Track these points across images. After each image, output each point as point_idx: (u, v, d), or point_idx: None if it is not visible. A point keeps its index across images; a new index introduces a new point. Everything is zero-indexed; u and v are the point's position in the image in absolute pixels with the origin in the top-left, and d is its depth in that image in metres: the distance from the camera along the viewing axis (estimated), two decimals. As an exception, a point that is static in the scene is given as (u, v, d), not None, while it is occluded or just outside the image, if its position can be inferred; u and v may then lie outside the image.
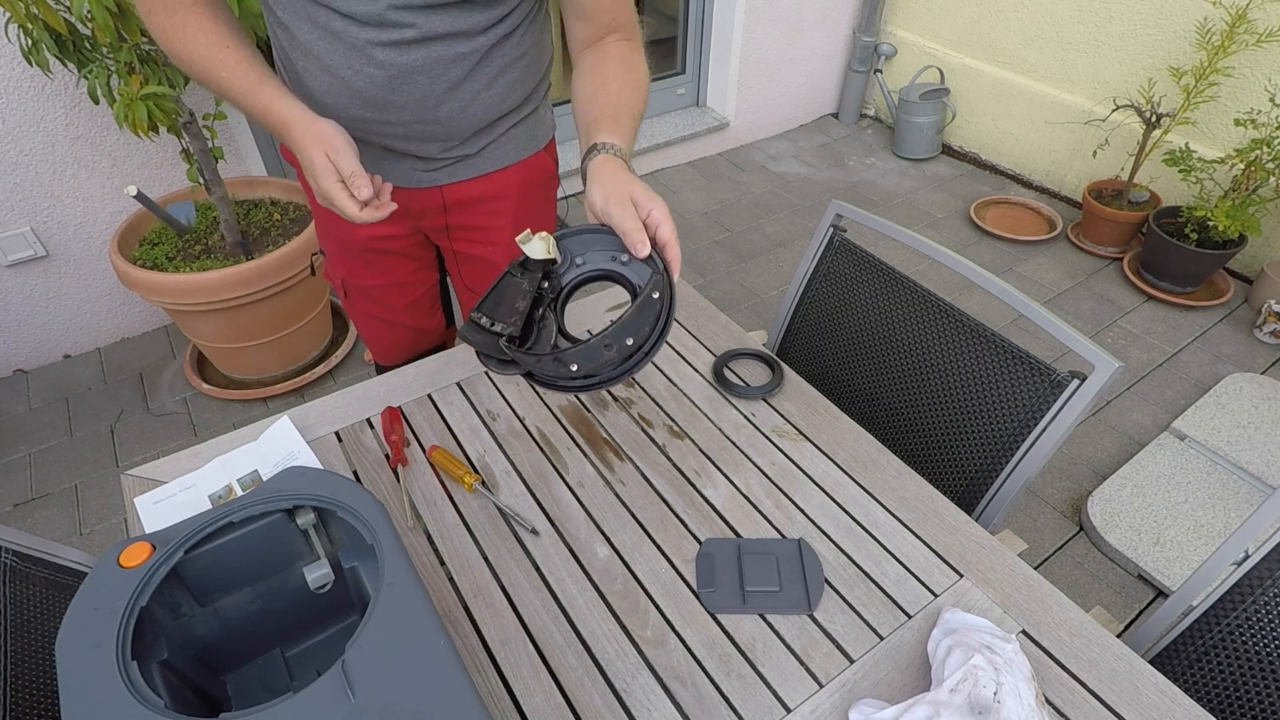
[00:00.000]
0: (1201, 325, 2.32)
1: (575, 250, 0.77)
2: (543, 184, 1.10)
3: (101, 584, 0.53)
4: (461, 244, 1.10)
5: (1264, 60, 2.23)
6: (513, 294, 0.75)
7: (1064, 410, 0.93)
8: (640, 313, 0.68)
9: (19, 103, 1.78)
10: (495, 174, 1.02)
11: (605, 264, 0.76)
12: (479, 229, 1.08)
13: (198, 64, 0.81)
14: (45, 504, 1.81)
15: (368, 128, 0.91)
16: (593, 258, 0.77)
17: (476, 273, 1.15)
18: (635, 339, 0.68)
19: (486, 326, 0.73)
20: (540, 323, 0.75)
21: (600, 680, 0.71)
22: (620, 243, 0.73)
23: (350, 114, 0.89)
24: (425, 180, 0.99)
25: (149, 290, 1.78)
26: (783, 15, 2.98)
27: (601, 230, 0.75)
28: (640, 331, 0.69)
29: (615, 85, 0.87)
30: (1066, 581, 1.63)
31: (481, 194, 1.04)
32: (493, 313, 0.74)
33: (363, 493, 0.60)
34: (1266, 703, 0.76)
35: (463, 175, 1.01)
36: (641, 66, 0.90)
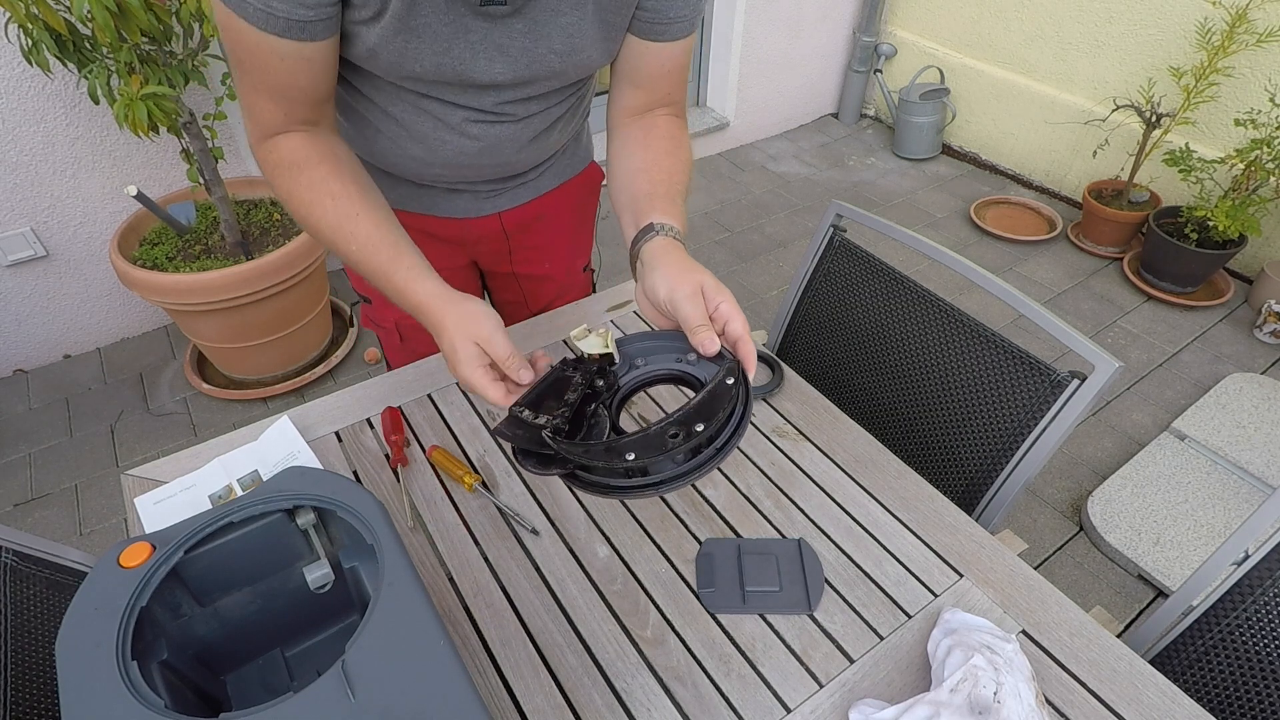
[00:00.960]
0: (1201, 325, 2.32)
1: (635, 355, 0.70)
2: (593, 192, 1.12)
3: (101, 584, 0.53)
4: (522, 265, 1.11)
5: (1264, 60, 2.23)
6: (561, 386, 0.66)
7: (1064, 410, 0.93)
8: (713, 399, 0.59)
9: (19, 103, 1.78)
10: (552, 192, 1.04)
11: (669, 365, 0.68)
12: (538, 248, 1.09)
13: (325, 234, 0.74)
14: (45, 504, 1.81)
15: (436, 176, 0.92)
16: (656, 360, 0.69)
17: (538, 290, 1.15)
18: (707, 427, 0.58)
19: (528, 420, 0.63)
20: (591, 418, 0.65)
21: (600, 680, 0.71)
22: (685, 344, 0.66)
23: (425, 172, 0.90)
24: (485, 209, 1.00)
25: (149, 290, 1.78)
26: (783, 15, 2.98)
27: (664, 336, 0.69)
28: (712, 419, 0.59)
29: (668, 163, 0.81)
30: (1066, 581, 1.63)
31: (540, 213, 1.05)
32: (536, 406, 0.64)
33: (363, 493, 0.60)
34: (1266, 703, 0.76)
35: (522, 199, 1.02)
36: (689, 146, 0.86)
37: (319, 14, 0.66)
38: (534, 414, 0.63)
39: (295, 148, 0.74)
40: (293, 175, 0.74)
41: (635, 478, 0.59)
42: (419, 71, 0.74)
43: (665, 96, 0.85)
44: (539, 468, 0.61)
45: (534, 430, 0.61)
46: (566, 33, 0.75)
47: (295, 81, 0.70)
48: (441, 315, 0.69)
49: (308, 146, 0.74)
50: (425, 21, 0.69)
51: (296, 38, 0.66)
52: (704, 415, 0.58)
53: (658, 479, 0.59)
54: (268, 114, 0.73)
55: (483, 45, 0.73)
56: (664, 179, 0.79)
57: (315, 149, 0.74)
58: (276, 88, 0.70)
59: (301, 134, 0.74)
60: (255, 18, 0.64)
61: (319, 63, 0.70)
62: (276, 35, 0.65)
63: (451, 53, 0.73)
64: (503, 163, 0.91)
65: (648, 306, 0.71)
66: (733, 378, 0.61)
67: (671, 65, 0.83)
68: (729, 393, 0.60)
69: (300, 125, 0.74)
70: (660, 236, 0.72)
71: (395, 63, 0.73)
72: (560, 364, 0.69)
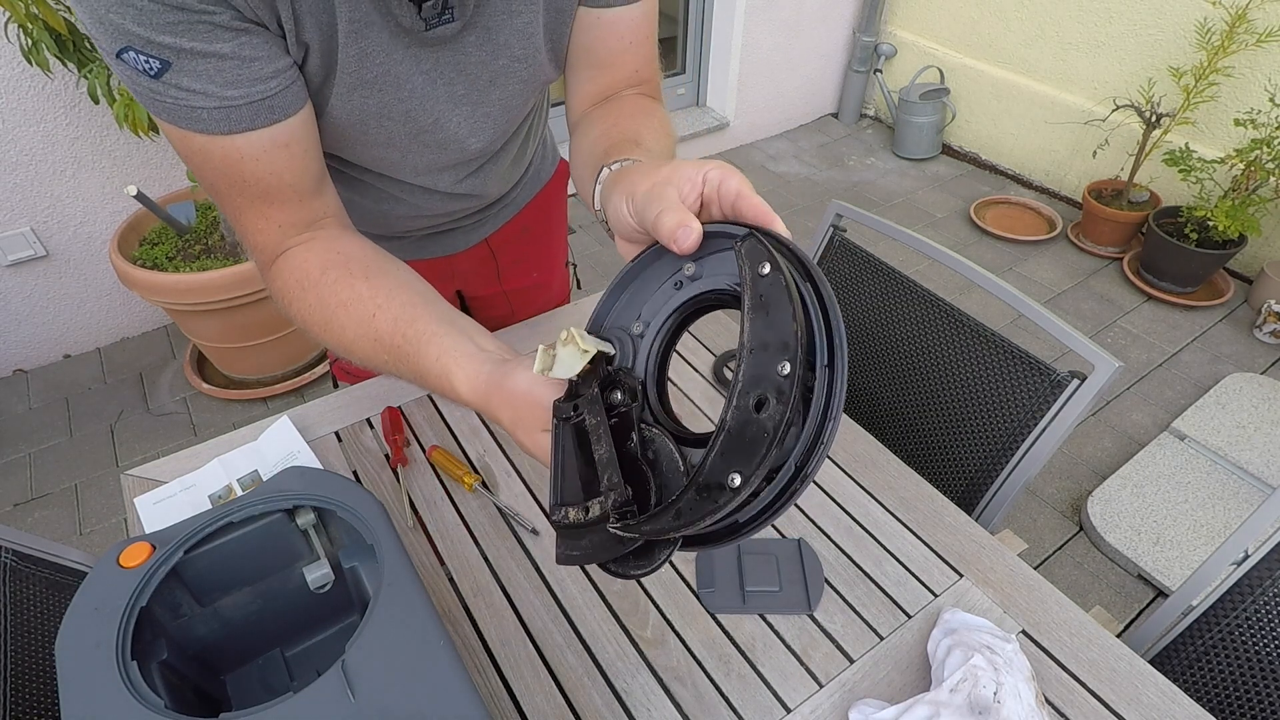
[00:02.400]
0: (1201, 325, 2.32)
1: (625, 322, 0.50)
2: (562, 186, 1.11)
3: (101, 584, 0.53)
4: (511, 281, 1.09)
5: (1264, 60, 2.23)
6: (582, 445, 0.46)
7: (1064, 410, 0.93)
8: (765, 310, 0.39)
9: (19, 103, 1.78)
10: (531, 202, 1.03)
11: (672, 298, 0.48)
12: (526, 259, 1.08)
13: (354, 350, 0.61)
14: (45, 504, 1.81)
15: (423, 227, 0.92)
16: (652, 308, 0.48)
17: (526, 300, 1.14)
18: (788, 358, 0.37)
19: (579, 521, 0.44)
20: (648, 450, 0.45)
21: (600, 680, 0.70)
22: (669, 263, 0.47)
23: (409, 225, 0.90)
24: (472, 240, 0.99)
25: (149, 290, 1.78)
26: (783, 15, 2.98)
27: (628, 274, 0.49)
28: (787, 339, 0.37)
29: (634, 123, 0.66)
30: (1066, 581, 1.63)
31: (524, 225, 1.04)
32: (573, 495, 0.45)
33: (363, 493, 0.60)
34: (1266, 703, 0.76)
35: (505, 218, 1.01)
36: (667, 119, 0.71)
37: (280, 83, 0.57)
38: (580, 507, 0.45)
39: (298, 264, 0.63)
40: (302, 297, 0.62)
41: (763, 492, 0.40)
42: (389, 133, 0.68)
43: (632, 75, 0.72)
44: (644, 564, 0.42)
45: (596, 529, 0.43)
46: (523, 35, 0.68)
47: (280, 180, 0.61)
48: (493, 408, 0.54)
49: (312, 257, 0.63)
50: (380, 70, 0.62)
51: (266, 123, 0.58)
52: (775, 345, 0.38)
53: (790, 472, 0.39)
54: (263, 233, 0.63)
55: (439, 72, 0.66)
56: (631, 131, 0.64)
57: (320, 258, 0.63)
58: (262, 196, 0.61)
59: (304, 246, 0.64)
60: (213, 122, 0.56)
61: (298, 145, 0.61)
62: (242, 132, 0.57)
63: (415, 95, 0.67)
64: (489, 197, 0.90)
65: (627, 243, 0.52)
66: (765, 262, 0.39)
67: (633, 36, 0.70)
68: (779, 285, 0.38)
69: (301, 234, 0.65)
70: (622, 165, 0.56)
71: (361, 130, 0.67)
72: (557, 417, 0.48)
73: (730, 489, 0.37)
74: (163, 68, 0.53)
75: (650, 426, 0.46)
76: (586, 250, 2.61)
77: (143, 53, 0.52)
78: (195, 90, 0.54)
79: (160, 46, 0.52)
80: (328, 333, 0.62)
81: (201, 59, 0.53)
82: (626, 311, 0.50)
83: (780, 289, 0.38)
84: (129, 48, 0.52)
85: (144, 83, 0.54)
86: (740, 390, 0.38)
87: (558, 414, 0.48)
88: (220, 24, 0.53)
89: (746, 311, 0.39)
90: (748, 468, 0.36)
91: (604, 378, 0.48)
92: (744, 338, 0.39)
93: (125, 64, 0.53)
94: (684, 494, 0.39)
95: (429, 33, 0.63)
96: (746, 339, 0.39)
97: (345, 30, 0.59)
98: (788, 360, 0.37)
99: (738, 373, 0.39)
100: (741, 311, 0.40)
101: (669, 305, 0.48)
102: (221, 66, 0.54)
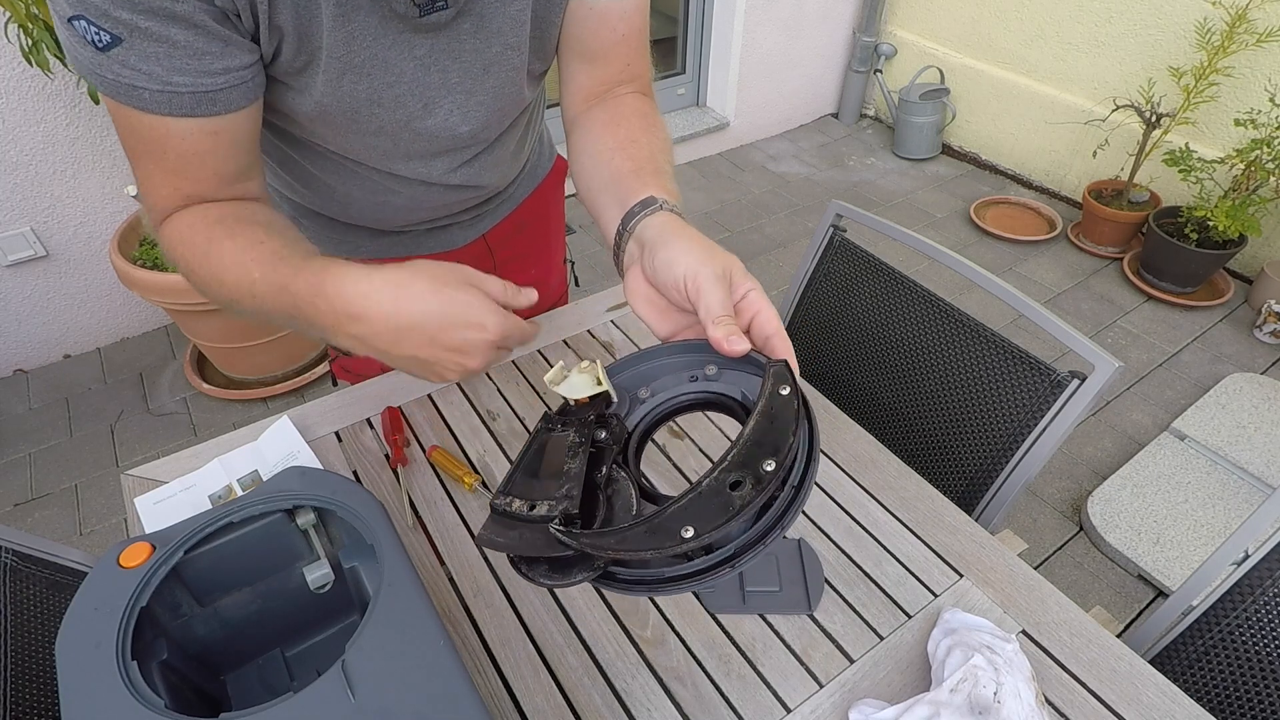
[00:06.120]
0: (1201, 325, 2.32)
1: (633, 385, 0.53)
2: (560, 182, 1.10)
3: (101, 584, 0.53)
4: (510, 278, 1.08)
5: (1264, 60, 2.23)
6: (554, 453, 0.49)
7: (1064, 410, 0.93)
8: (771, 421, 0.44)
9: (19, 103, 1.78)
10: (529, 198, 1.03)
11: (684, 387, 0.52)
12: (524, 255, 1.08)
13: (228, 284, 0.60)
14: (45, 504, 1.81)
15: (421, 221, 0.91)
16: (663, 385, 0.53)
17: None
18: (776, 460, 0.42)
19: (520, 513, 0.45)
20: (607, 486, 0.48)
21: (600, 680, 0.70)
22: (696, 359, 0.52)
23: (409, 218, 0.89)
24: (470, 235, 0.99)
25: (149, 290, 1.78)
26: (783, 15, 2.98)
27: (665, 351, 0.53)
28: (780, 447, 0.42)
29: (646, 139, 0.68)
30: (1066, 581, 1.63)
31: (521, 221, 1.04)
32: (525, 491, 0.47)
33: (363, 493, 0.60)
34: (1266, 703, 0.76)
35: (503, 215, 1.01)
36: (665, 127, 0.73)
37: (229, 80, 0.56)
38: (527, 502, 0.46)
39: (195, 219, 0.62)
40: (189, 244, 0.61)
41: (696, 559, 0.43)
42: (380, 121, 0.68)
43: (624, 70, 0.73)
44: (556, 577, 0.43)
45: (533, 526, 0.44)
46: (515, 22, 0.68)
47: (202, 163, 0.60)
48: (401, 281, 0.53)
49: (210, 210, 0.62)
50: (369, 54, 0.61)
51: (206, 114, 0.57)
52: (769, 446, 0.42)
53: (729, 552, 0.42)
54: (165, 199, 0.62)
55: (433, 59, 0.66)
56: (646, 156, 0.66)
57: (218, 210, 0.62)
58: (178, 170, 0.60)
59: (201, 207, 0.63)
60: (153, 103, 0.55)
61: (228, 136, 0.60)
62: (180, 117, 0.56)
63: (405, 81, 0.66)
64: (486, 189, 0.89)
65: (646, 296, 0.57)
66: (786, 385, 0.46)
67: (625, 29, 0.71)
68: (789, 407, 0.44)
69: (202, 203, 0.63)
70: (664, 212, 0.58)
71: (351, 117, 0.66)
72: (542, 422, 0.52)
73: (681, 538, 0.40)
74: (112, 42, 0.52)
75: (620, 469, 0.49)
76: (585, 250, 2.61)
77: (95, 24, 0.51)
78: (141, 70, 0.54)
79: (115, 21, 0.51)
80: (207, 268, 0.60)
81: (154, 42, 0.52)
82: (640, 376, 0.54)
83: (790, 409, 0.44)
84: (83, 16, 0.51)
85: (87, 54, 0.53)
86: (725, 466, 0.42)
87: (545, 420, 0.52)
88: (181, 14, 0.52)
89: (756, 413, 0.44)
90: (703, 527, 0.40)
91: (598, 416, 0.51)
92: (746, 431, 0.44)
93: (74, 31, 0.52)
94: (635, 526, 0.42)
95: (423, 19, 0.62)
96: (748, 433, 0.44)
97: (331, 13, 0.58)
98: (775, 461, 0.42)
99: (728, 453, 0.43)
100: (753, 410, 0.45)
101: (679, 389, 0.53)
102: (172, 53, 0.53)
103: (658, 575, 0.44)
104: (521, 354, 1.05)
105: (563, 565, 0.44)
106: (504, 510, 0.46)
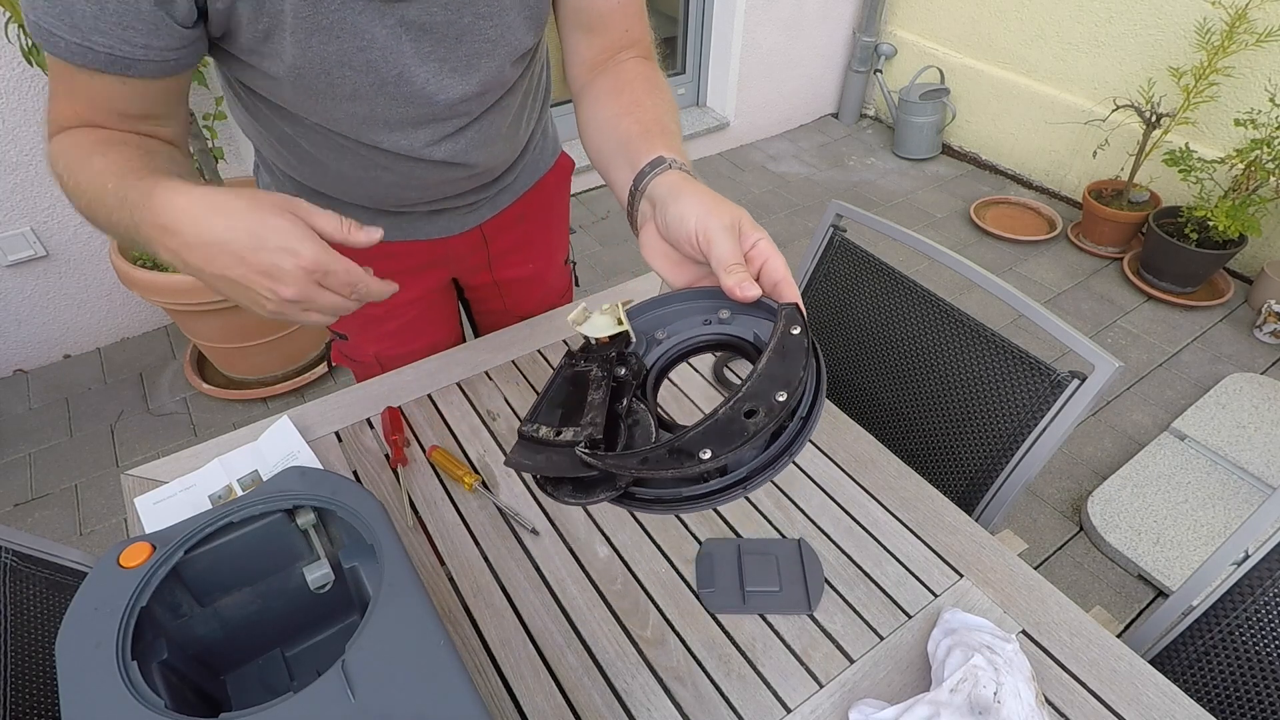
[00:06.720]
0: (1201, 325, 2.32)
1: (650, 328, 0.57)
2: (564, 182, 1.10)
3: (101, 584, 0.53)
4: (503, 270, 1.08)
5: (1264, 60, 2.23)
6: (578, 387, 0.53)
7: (1064, 410, 0.93)
8: (784, 357, 0.48)
9: (19, 103, 1.78)
10: (529, 191, 1.02)
11: (699, 330, 0.56)
12: (519, 249, 1.07)
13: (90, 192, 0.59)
14: (45, 504, 1.81)
15: (414, 201, 0.90)
16: (679, 328, 0.57)
17: (522, 294, 1.13)
18: (789, 393, 0.46)
19: (548, 438, 0.50)
20: (628, 418, 0.52)
21: (600, 680, 0.71)
22: (711, 304, 0.56)
23: (400, 196, 0.88)
24: (468, 223, 0.98)
25: (149, 290, 1.78)
26: (783, 15, 2.98)
27: (680, 296, 0.57)
28: (791, 380, 0.46)
29: (651, 101, 0.70)
30: (1066, 581, 1.63)
31: (521, 213, 1.03)
32: (550, 419, 0.52)
33: (363, 493, 0.60)
34: (1266, 703, 0.76)
35: (502, 205, 1.00)
36: (669, 88, 0.74)
37: (150, 54, 0.57)
38: (553, 429, 0.50)
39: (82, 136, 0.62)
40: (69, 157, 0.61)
41: (713, 479, 0.47)
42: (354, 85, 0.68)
43: (624, 36, 0.74)
44: (580, 495, 0.48)
45: (560, 450, 0.49)
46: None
47: (110, 106, 0.61)
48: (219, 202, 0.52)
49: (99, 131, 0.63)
50: (337, 17, 0.62)
51: (118, 73, 0.58)
52: (780, 379, 0.46)
53: (741, 475, 0.47)
54: (66, 119, 0.63)
55: (404, 28, 0.66)
56: (653, 118, 0.68)
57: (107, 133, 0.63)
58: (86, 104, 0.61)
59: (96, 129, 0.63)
60: (68, 53, 0.56)
61: (138, 90, 0.61)
62: (94, 70, 0.57)
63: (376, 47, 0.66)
64: (477, 169, 0.87)
65: (661, 251, 0.59)
66: (797, 326, 0.49)
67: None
68: (800, 346, 0.48)
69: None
70: (674, 170, 0.60)
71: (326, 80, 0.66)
72: (566, 358, 0.57)
73: (700, 459, 0.44)
74: None
75: (639, 401, 0.53)
76: (586, 250, 2.61)
77: None
78: (64, 21, 0.55)
79: None
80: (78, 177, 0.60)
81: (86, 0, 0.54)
82: (658, 320, 0.58)
83: (801, 347, 0.48)
84: None
85: None
86: (741, 397, 0.46)
87: (569, 357, 0.57)
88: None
89: (770, 350, 0.48)
90: (719, 449, 0.44)
91: (618, 353, 0.56)
92: (760, 365, 0.48)
93: None
94: (657, 448, 0.46)
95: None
96: (762, 367, 0.47)
97: None
98: (786, 392, 0.46)
99: (743, 385, 0.47)
100: (766, 348, 0.48)
101: (694, 331, 0.56)
102: (100, 14, 0.54)
103: (675, 495, 0.48)
104: (521, 354, 1.05)
105: (586, 485, 0.48)
106: (531, 436, 0.51)
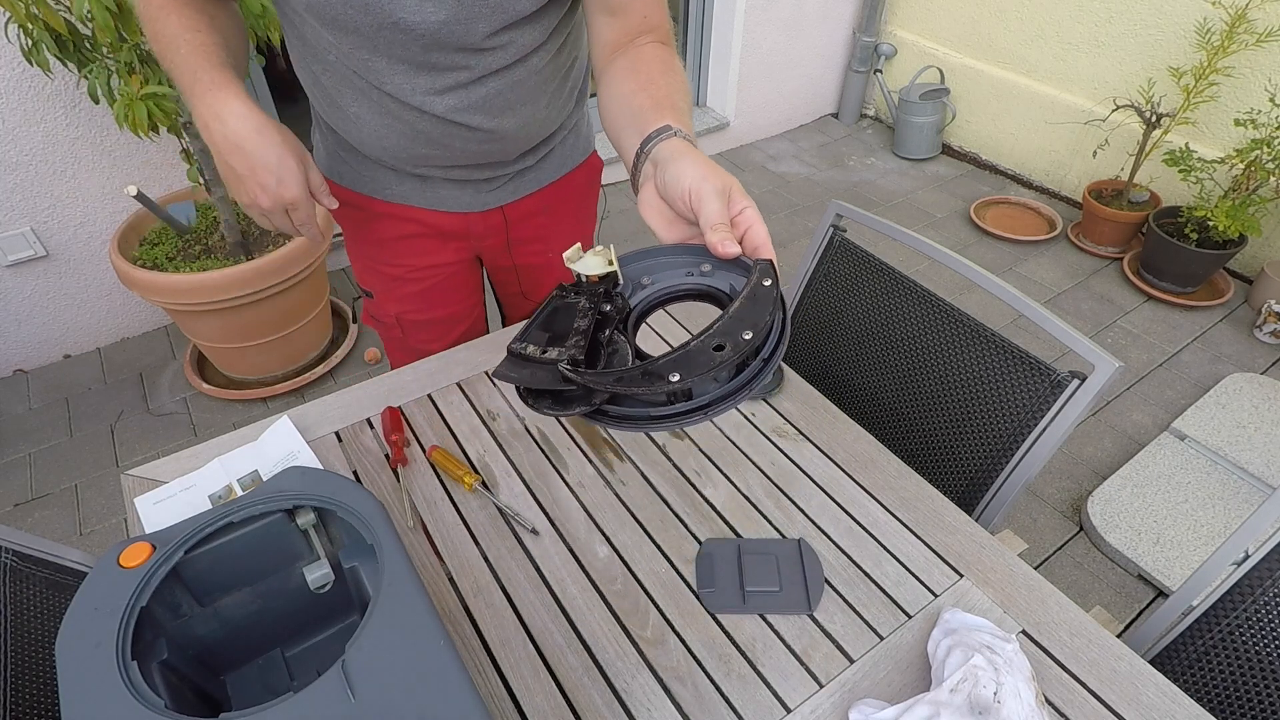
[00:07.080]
0: (1201, 325, 2.32)
1: (636, 275, 0.63)
2: (593, 182, 1.11)
3: (101, 584, 0.53)
4: (522, 257, 1.11)
5: (1264, 60, 2.23)
6: (566, 315, 0.59)
7: (1064, 410, 0.93)
8: (754, 302, 0.53)
9: (19, 103, 1.78)
10: (556, 183, 1.03)
11: (681, 280, 0.61)
12: (540, 239, 1.09)
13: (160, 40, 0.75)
14: (45, 504, 1.81)
15: (429, 161, 0.91)
16: (663, 277, 0.62)
17: (539, 281, 1.15)
18: (754, 334, 0.51)
19: (534, 356, 0.55)
20: (608, 346, 0.57)
21: (600, 680, 0.71)
22: (694, 259, 0.60)
23: (412, 152, 0.89)
24: (489, 202, 1.00)
25: (149, 290, 1.78)
26: (783, 15, 2.98)
27: (669, 250, 0.62)
28: (758, 324, 0.51)
29: (664, 80, 0.75)
30: (1066, 581, 1.63)
31: (545, 205, 1.04)
32: (538, 340, 0.57)
33: (363, 493, 0.60)
34: (1266, 703, 0.76)
35: (525, 190, 1.01)
36: (683, 71, 0.79)
37: None
38: (540, 348, 0.55)
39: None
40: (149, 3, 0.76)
41: (679, 402, 0.52)
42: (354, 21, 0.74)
43: (643, 22, 0.79)
44: (558, 408, 0.53)
45: (544, 367, 0.53)
46: None
47: None
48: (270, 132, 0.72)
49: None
50: None
51: None
52: (748, 321, 0.51)
53: (704, 400, 0.52)
54: None
55: None
56: (664, 94, 0.72)
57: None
58: None
59: None
60: None
61: None
62: None
63: None
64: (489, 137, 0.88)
65: (657, 208, 0.64)
66: (769, 279, 0.54)
67: None
68: (769, 295, 0.53)
69: None
70: (677, 137, 0.65)
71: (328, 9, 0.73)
72: (558, 290, 0.62)
73: (669, 381, 0.49)
74: None
75: (620, 334, 0.58)
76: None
77: None
78: None
79: None
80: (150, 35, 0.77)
81: None
82: (645, 269, 0.63)
83: (769, 297, 0.53)
84: None
85: None
86: (711, 333, 0.51)
87: (561, 289, 0.62)
88: None
89: (742, 296, 0.53)
90: (687, 374, 0.49)
91: (605, 290, 0.61)
92: (732, 308, 0.52)
93: None
94: (632, 370, 0.52)
95: None
96: (734, 309, 0.52)
97: None
98: (752, 332, 0.51)
99: (715, 322, 0.52)
100: (740, 294, 0.53)
101: (676, 280, 0.62)
102: None
103: (644, 414, 0.53)
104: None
105: (565, 399, 0.53)
106: (519, 353, 0.56)
